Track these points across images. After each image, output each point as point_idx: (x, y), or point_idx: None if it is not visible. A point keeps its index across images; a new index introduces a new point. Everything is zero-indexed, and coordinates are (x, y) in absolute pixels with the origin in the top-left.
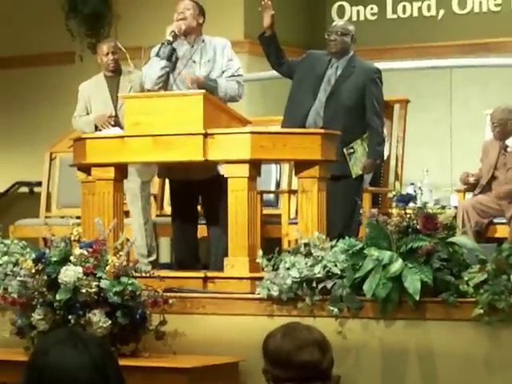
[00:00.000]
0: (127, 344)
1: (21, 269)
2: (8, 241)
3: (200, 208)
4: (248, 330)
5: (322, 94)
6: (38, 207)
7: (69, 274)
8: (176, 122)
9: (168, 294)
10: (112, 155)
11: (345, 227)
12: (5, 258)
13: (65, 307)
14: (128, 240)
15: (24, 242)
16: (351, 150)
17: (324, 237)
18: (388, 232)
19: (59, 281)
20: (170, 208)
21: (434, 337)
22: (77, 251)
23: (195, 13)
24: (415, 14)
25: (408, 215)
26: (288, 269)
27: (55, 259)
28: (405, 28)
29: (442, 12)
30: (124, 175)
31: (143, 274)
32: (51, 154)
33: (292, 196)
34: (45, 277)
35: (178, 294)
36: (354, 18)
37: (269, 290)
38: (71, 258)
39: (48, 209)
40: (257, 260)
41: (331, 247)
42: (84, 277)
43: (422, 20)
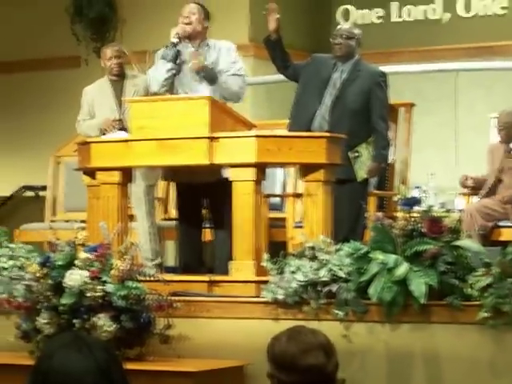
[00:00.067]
0: (132, 348)
1: (26, 273)
2: (13, 245)
3: (205, 212)
4: (253, 334)
5: (328, 98)
6: (43, 211)
7: (74, 278)
8: (181, 126)
9: (173, 298)
10: (117, 159)
11: (350, 231)
12: (10, 262)
13: (70, 311)
14: (133, 244)
15: (29, 246)
16: (356, 154)
17: (329, 240)
18: (393, 235)
19: (64, 285)
20: (175, 212)
21: (440, 340)
22: (82, 255)
23: (200, 17)
24: (420, 18)
25: (413, 219)
26: (293, 272)
27: (60, 263)
28: (410, 31)
29: (448, 15)
30: (129, 179)
31: (148, 278)
32: (56, 158)
33: (297, 199)
34: (50, 281)
35: (183, 298)
36: (359, 22)
37: (274, 294)
38: (76, 262)
39: (53, 213)
40: (262, 263)
41: (336, 251)
42: (89, 281)
43: (428, 23)
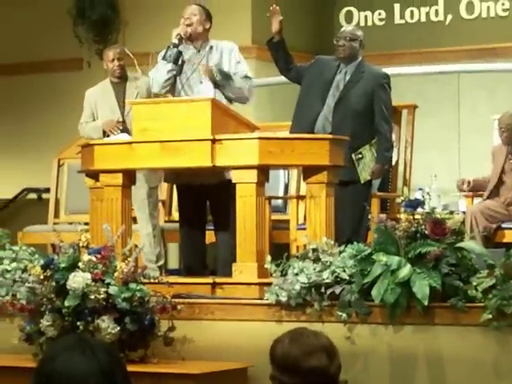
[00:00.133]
0: (136, 350)
1: (29, 275)
2: (16, 247)
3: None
4: (256, 336)
5: (331, 100)
6: (47, 213)
7: (77, 281)
8: (184, 128)
9: (176, 300)
10: (120, 161)
11: (353, 232)
12: (13, 265)
13: (73, 313)
14: (136, 246)
15: (32, 249)
16: (359, 156)
17: (332, 242)
18: (396, 237)
19: (68, 287)
20: (178, 214)
21: (443, 342)
22: (85, 257)
23: (202, 18)
24: (423, 20)
25: (416, 220)
26: (296, 274)
27: (64, 265)
28: (412, 33)
29: (450, 17)
30: (132, 181)
31: (152, 280)
32: (59, 161)
33: (300, 201)
34: (53, 283)
35: (187, 300)
36: (362, 24)
37: (277, 296)
38: (80, 265)
39: (56, 215)
40: (265, 266)
41: (339, 253)
42: (92, 283)
43: (430, 25)
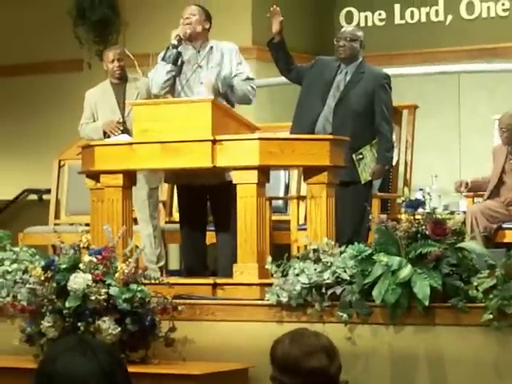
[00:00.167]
0: (136, 351)
1: (30, 276)
2: (17, 248)
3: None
4: (257, 337)
5: (331, 100)
6: (47, 214)
7: (78, 282)
8: (184, 129)
9: (177, 301)
10: (120, 162)
11: (354, 233)
12: (14, 266)
13: (74, 314)
14: (137, 247)
15: (33, 250)
16: (360, 156)
17: (333, 243)
18: (397, 238)
19: (68, 288)
20: (179, 215)
21: (444, 342)
22: (86, 258)
23: (201, 18)
24: (423, 20)
25: (417, 221)
26: (297, 275)
27: (64, 266)
28: (413, 33)
29: (450, 17)
30: (133, 182)
31: (152, 281)
32: (60, 162)
33: (301, 202)
34: (54, 284)
35: (188, 301)
36: (362, 24)
37: (278, 296)
38: (80, 266)
39: (57, 216)
40: (266, 266)
41: (340, 253)
42: (93, 284)
43: (430, 25)
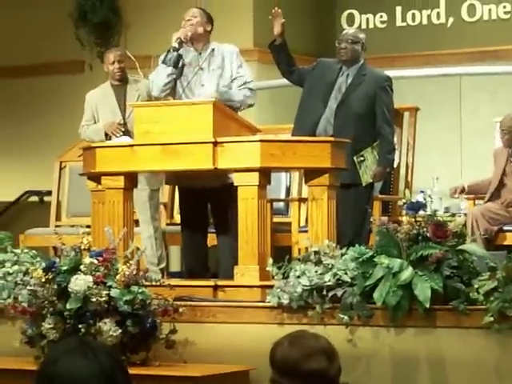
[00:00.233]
0: (137, 353)
1: (31, 278)
2: (18, 250)
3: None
4: (258, 339)
5: (333, 102)
6: (48, 216)
7: (79, 283)
8: (185, 131)
9: (178, 303)
10: (122, 164)
11: (355, 235)
12: (15, 267)
13: (75, 316)
14: (138, 249)
15: (34, 251)
16: (361, 158)
17: (334, 245)
18: (398, 240)
19: (69, 290)
20: (180, 217)
21: (444, 344)
22: (87, 260)
23: (202, 20)
24: (424, 22)
25: (418, 223)
26: (298, 277)
27: (65, 268)
28: (414, 36)
29: (452, 20)
30: (134, 184)
31: (153, 283)
32: (61, 163)
33: (302, 204)
34: (55, 286)
35: (189, 303)
36: (364, 26)
37: (279, 298)
38: (81, 267)
39: (58, 218)
40: (267, 268)
41: (341, 255)
42: (94, 286)
43: (432, 28)
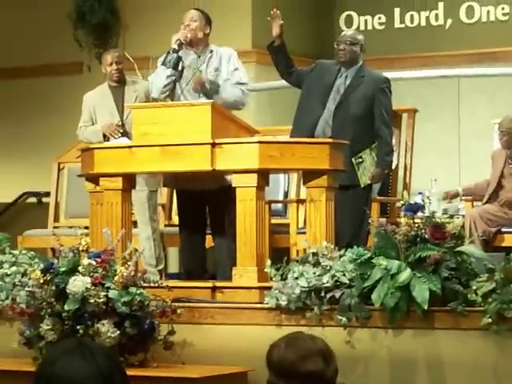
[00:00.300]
0: (135, 354)
1: (29, 279)
2: (16, 251)
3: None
4: (256, 340)
5: (331, 104)
6: (47, 217)
7: (77, 285)
8: (184, 132)
9: (176, 304)
10: (120, 165)
11: (353, 237)
12: (13, 269)
13: (73, 317)
14: (136, 250)
15: (32, 253)
16: (360, 160)
17: (332, 246)
18: (396, 241)
19: (67, 291)
20: (178, 218)
21: (443, 346)
22: (85, 261)
23: (202, 23)
24: (423, 24)
25: (416, 224)
26: (296, 278)
27: (63, 269)
28: (412, 37)
29: (450, 21)
30: (132, 185)
31: (151, 284)
32: (59, 164)
33: (300, 205)
34: (53, 287)
35: (187, 304)
36: (362, 28)
37: (277, 300)
38: (79, 269)
39: (56, 219)
40: (265, 270)
41: (339, 257)
42: (92, 287)
43: (430, 29)
